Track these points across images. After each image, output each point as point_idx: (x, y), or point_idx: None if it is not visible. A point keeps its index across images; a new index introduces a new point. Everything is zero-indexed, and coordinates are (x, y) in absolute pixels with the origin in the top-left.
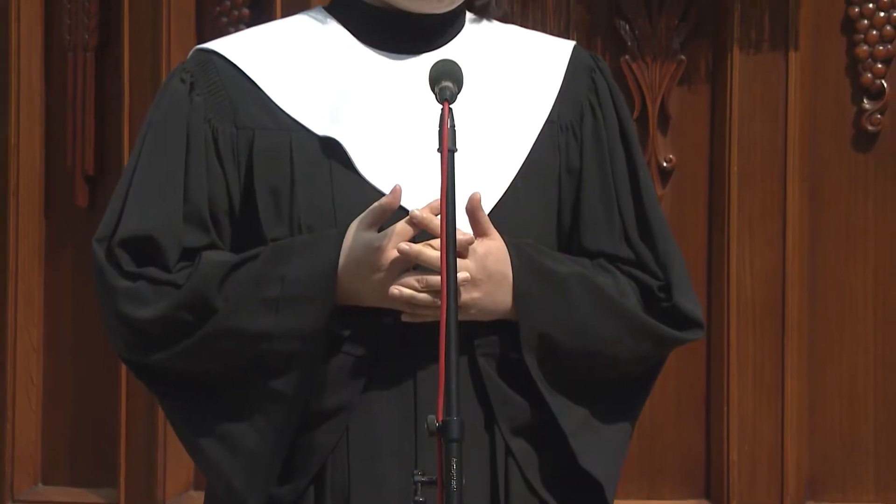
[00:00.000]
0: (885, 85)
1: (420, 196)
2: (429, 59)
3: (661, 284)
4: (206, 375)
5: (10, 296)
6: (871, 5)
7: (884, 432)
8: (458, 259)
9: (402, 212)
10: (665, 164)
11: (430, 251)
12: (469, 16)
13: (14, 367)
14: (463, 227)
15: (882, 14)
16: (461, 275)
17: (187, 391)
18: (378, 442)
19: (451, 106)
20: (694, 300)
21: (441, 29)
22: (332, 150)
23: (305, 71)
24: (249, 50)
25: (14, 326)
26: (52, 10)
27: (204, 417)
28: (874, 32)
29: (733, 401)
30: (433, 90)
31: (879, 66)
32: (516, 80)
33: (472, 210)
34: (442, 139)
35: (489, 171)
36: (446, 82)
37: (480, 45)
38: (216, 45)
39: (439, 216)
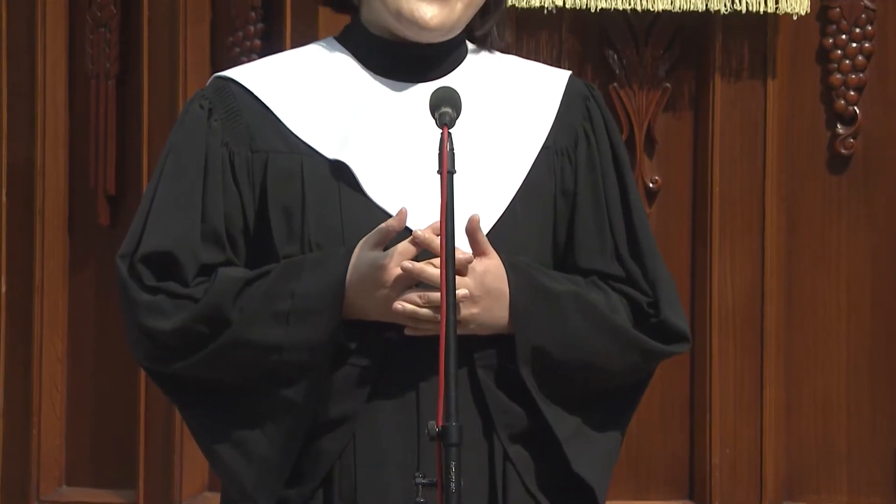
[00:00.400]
0: (858, 111)
1: (422, 215)
2: (431, 87)
3: (649, 301)
4: (222, 384)
5: (37, 309)
6: (843, 36)
7: (856, 437)
8: (457, 277)
9: (406, 230)
10: (651, 185)
11: (431, 269)
12: (471, 47)
13: (40, 375)
14: (463, 246)
15: (854, 45)
16: (460, 291)
17: (204, 400)
18: (383, 449)
19: (450, 130)
20: (681, 315)
21: (443, 59)
22: (340, 172)
23: (316, 97)
24: (264, 77)
25: (40, 337)
26: (76, 41)
27: (220, 425)
28: (847, 62)
29: (715, 407)
30: (433, 115)
31: (852, 93)
32: (515, 107)
33: (472, 231)
34: (441, 161)
35: (489, 193)
36: (446, 108)
37: (481, 74)
38: (233, 72)
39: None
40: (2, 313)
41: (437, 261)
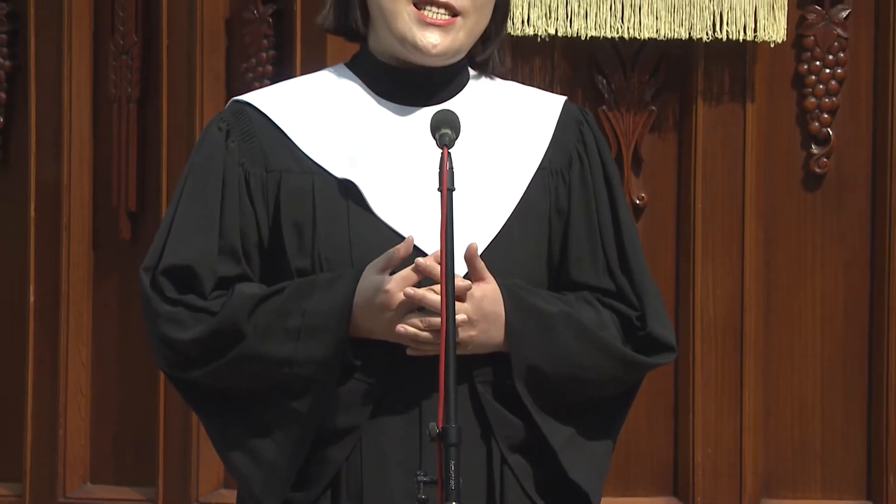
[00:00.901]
0: (831, 133)
1: (425, 230)
2: (434, 110)
3: (638, 314)
4: (236, 392)
5: (63, 318)
6: (817, 63)
7: (829, 438)
8: (457, 303)
9: (415, 249)
10: (638, 202)
11: (432, 295)
12: (472, 73)
13: (66, 380)
14: (461, 270)
15: (827, 70)
16: (459, 317)
17: (219, 406)
18: (387, 458)
19: (450, 150)
20: (667, 327)
21: (445, 84)
22: (349, 191)
23: (326, 120)
24: (278, 101)
25: (66, 345)
26: (100, 67)
27: (232, 430)
28: (821, 87)
29: (698, 409)
30: (434, 137)
31: (825, 116)
32: (512, 130)
33: (470, 258)
34: (441, 180)
35: (487, 211)
36: (445, 129)
37: (481, 99)
38: (250, 97)
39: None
40: (30, 322)
41: (437, 287)
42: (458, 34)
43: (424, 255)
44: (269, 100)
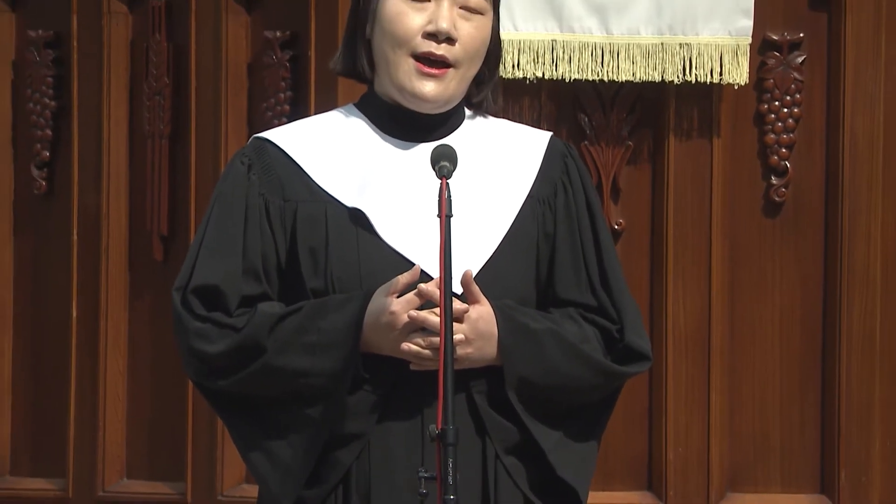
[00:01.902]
0: (789, 165)
1: (425, 252)
2: (434, 146)
3: (617, 328)
4: (257, 400)
5: (102, 331)
6: (776, 103)
7: (788, 437)
8: (455, 323)
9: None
10: (616, 227)
11: (433, 318)
12: (468, 112)
13: (104, 387)
14: (459, 289)
15: (786, 110)
16: (457, 336)
17: (241, 412)
18: (392, 459)
19: (448, 181)
20: (644, 338)
21: (443, 122)
22: (358, 218)
23: (337, 154)
24: (294, 138)
25: (104, 355)
26: (135, 107)
27: (252, 434)
28: (779, 124)
29: (670, 411)
30: (434, 169)
31: (784, 150)
32: (504, 162)
33: (466, 283)
34: (441, 207)
35: (482, 236)
36: (444, 162)
37: (475, 135)
38: (269, 134)
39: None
40: (73, 335)
41: (437, 310)
42: (451, 83)
43: (428, 275)
44: (287, 136)
